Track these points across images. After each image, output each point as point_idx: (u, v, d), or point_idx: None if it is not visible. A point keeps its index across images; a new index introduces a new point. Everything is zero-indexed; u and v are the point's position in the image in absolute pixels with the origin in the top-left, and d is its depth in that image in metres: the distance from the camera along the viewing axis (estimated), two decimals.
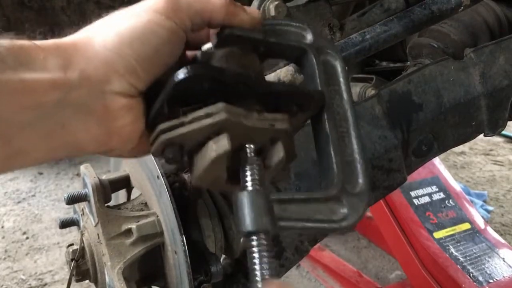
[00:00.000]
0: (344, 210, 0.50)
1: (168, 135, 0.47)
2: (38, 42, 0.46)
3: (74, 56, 0.46)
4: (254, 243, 0.45)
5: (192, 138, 0.48)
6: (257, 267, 0.44)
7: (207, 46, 0.55)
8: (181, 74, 0.46)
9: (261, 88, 0.50)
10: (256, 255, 0.44)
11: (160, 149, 0.48)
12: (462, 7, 0.97)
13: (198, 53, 0.54)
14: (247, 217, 0.45)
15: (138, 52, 0.47)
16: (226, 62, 0.51)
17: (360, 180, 0.52)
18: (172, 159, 0.48)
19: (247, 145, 0.49)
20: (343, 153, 0.53)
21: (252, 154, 0.49)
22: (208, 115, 0.46)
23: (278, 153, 0.50)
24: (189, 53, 0.55)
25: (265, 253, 0.44)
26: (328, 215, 0.49)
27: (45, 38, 0.48)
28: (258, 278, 0.43)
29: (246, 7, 0.55)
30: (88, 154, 0.51)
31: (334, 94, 0.55)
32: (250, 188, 0.47)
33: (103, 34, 0.48)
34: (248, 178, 0.48)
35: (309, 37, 0.56)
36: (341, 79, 0.56)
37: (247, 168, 0.48)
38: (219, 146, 0.46)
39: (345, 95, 0.55)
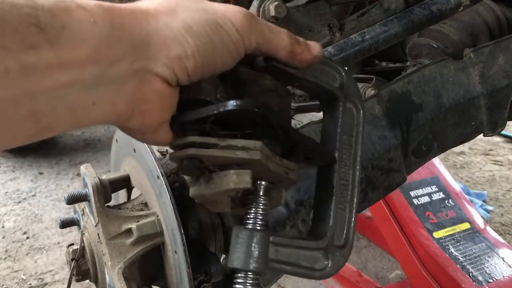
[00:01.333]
0: (326, 262, 0.52)
1: (198, 151, 0.47)
2: (91, 3, 0.41)
3: (130, 26, 0.42)
4: (240, 280, 0.47)
5: (218, 161, 0.48)
6: None
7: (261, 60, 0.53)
8: (236, 103, 0.45)
9: (293, 138, 0.51)
10: None
11: (181, 158, 0.48)
12: (462, 7, 0.97)
13: (257, 60, 0.52)
14: (240, 254, 0.47)
15: (198, 44, 0.45)
16: (269, 97, 0.51)
17: (347, 234, 0.54)
18: (188, 171, 0.48)
19: (259, 182, 0.50)
20: (339, 203, 0.55)
21: (262, 192, 0.50)
22: (244, 148, 0.47)
23: (279, 198, 0.52)
24: None
25: None
26: (311, 263, 0.52)
27: None
28: None
29: (309, 43, 0.53)
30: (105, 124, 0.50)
31: (347, 144, 0.56)
32: (250, 226, 0.49)
33: (169, 15, 0.45)
34: (251, 216, 0.49)
35: (340, 80, 0.57)
36: (357, 131, 0.57)
37: (253, 206, 0.50)
38: (240, 180, 0.47)
39: (356, 147, 0.57)
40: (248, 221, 0.49)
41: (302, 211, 0.78)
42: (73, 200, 0.84)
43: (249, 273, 0.47)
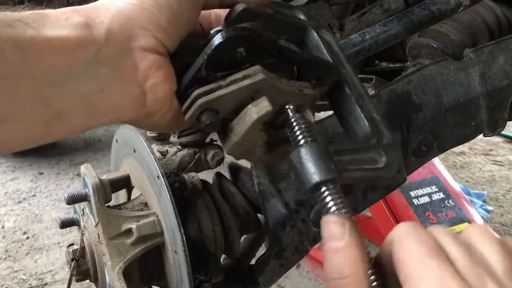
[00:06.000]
0: (384, 159, 0.50)
1: (205, 99, 0.48)
2: (58, 9, 0.46)
3: (97, 15, 0.46)
4: (325, 193, 0.43)
5: (229, 101, 0.48)
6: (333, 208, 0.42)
7: (216, 29, 0.55)
8: (220, 36, 0.47)
9: (291, 54, 0.51)
10: (331, 202, 0.42)
11: (196, 114, 0.49)
12: (462, 8, 0.97)
13: (212, 31, 0.53)
14: (314, 168, 0.43)
15: (159, 2, 0.47)
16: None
17: (386, 134, 0.53)
18: (209, 124, 0.48)
19: (287, 106, 0.50)
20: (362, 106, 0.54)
21: (294, 111, 0.49)
22: (246, 77, 0.48)
23: (309, 118, 0.50)
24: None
25: (338, 199, 0.42)
26: (373, 164, 0.50)
27: None
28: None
29: None
30: (128, 122, 0.51)
31: (337, 61, 0.57)
32: (304, 141, 0.46)
33: None
34: (300, 136, 0.47)
35: (302, 17, 0.58)
36: (338, 51, 0.57)
37: (295, 126, 0.48)
38: (260, 108, 0.47)
39: (346, 65, 0.57)
40: (299, 141, 0.47)
41: (302, 211, 0.78)
42: (73, 200, 0.84)
43: (329, 183, 0.43)
